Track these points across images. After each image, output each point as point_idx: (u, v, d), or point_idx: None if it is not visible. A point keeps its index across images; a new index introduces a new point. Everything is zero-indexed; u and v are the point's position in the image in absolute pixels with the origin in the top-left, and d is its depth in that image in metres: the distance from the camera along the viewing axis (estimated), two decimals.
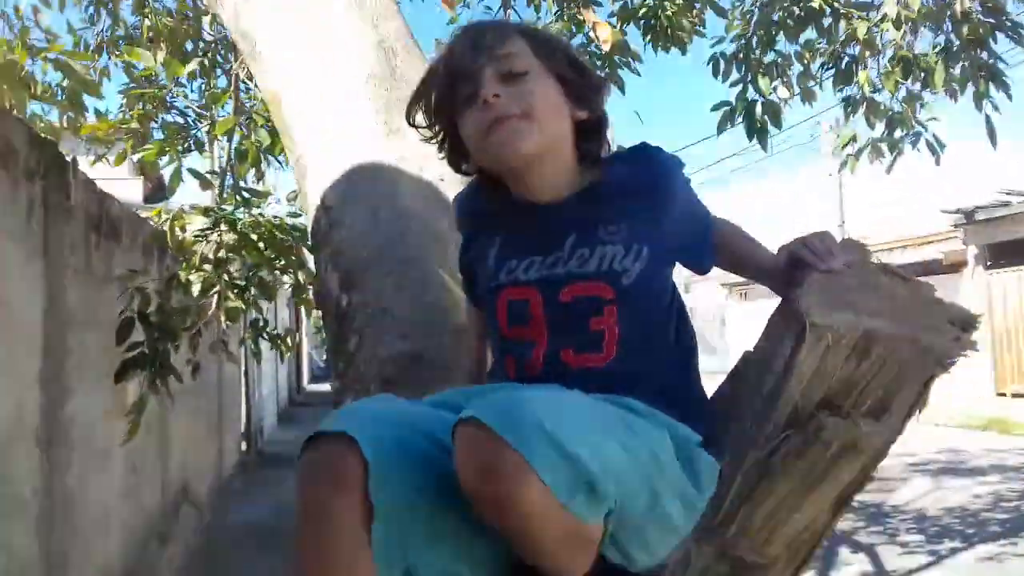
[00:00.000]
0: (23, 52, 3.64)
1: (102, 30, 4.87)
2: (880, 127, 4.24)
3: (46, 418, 3.13)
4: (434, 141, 1.35)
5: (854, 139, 4.30)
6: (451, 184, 1.75)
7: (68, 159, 3.53)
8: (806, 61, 4.45)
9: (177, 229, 3.57)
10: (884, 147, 4.19)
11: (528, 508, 0.89)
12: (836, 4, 4.28)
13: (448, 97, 1.27)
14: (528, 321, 1.23)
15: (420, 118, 1.34)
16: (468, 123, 1.25)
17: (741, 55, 4.44)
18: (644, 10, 4.54)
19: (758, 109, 4.29)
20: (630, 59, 4.44)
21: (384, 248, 1.67)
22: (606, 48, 2.99)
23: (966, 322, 1.16)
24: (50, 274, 3.27)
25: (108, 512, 3.93)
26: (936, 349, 1.12)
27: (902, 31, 3.98)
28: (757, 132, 4.31)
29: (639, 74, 4.58)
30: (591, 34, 3.30)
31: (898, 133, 4.18)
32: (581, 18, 3.41)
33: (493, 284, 1.28)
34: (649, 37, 4.59)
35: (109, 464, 3.97)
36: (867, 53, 4.19)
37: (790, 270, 1.25)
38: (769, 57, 4.44)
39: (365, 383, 1.57)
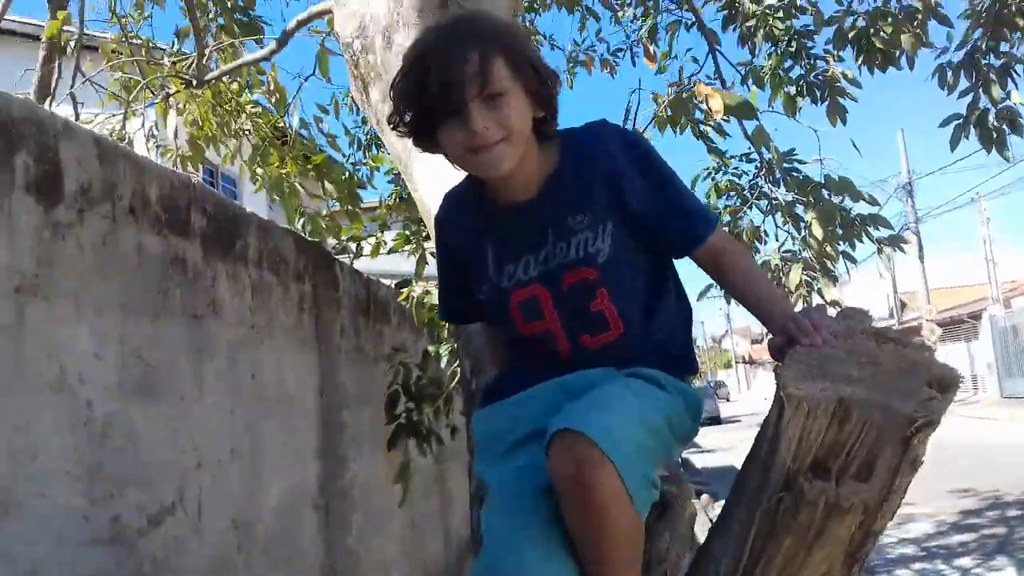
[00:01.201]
0: (293, 164, 4.44)
1: (369, 129, 5.66)
2: None
3: (324, 486, 3.75)
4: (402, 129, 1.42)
5: None
6: None
7: (338, 253, 4.22)
8: None
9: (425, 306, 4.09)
10: None
11: (609, 492, 1.19)
12: None
13: (431, 99, 1.32)
14: (542, 315, 1.44)
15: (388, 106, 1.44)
16: (451, 137, 1.34)
17: (970, 62, 4.24)
18: (854, 32, 4.49)
19: (991, 118, 4.07)
20: (845, 87, 4.43)
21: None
22: (717, 117, 3.08)
23: (945, 383, 1.22)
24: (323, 360, 3.92)
25: (387, 567, 4.51)
26: (906, 413, 1.19)
27: None
28: (994, 142, 4.07)
29: (856, 100, 4.52)
30: (703, 105, 3.39)
31: None
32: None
33: (501, 289, 1.44)
34: (862, 60, 4.53)
35: (389, 524, 4.57)
36: None
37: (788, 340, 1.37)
38: (999, 61, 4.19)
39: None
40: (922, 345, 1.30)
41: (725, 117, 3.16)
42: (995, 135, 3.87)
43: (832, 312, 1.44)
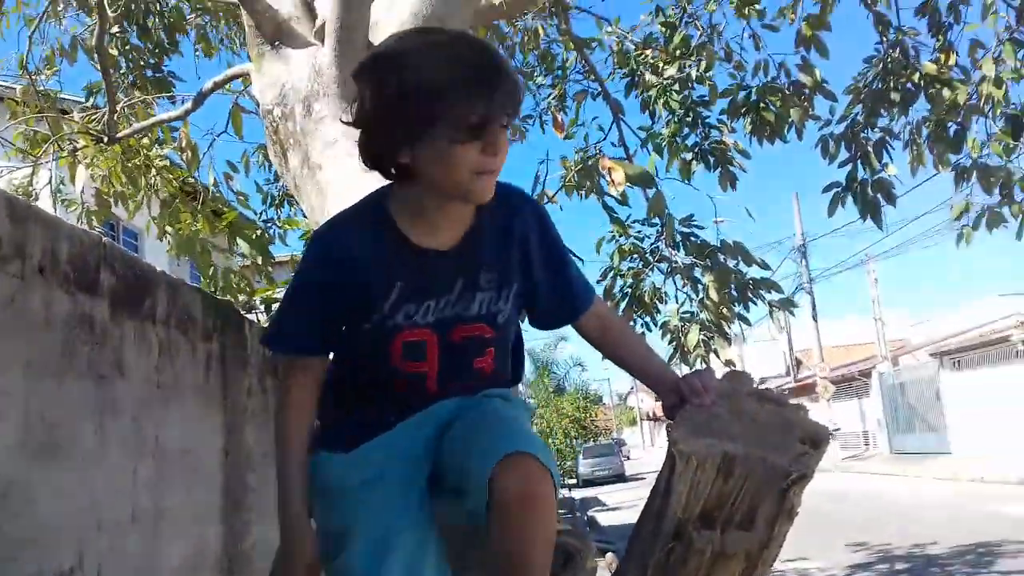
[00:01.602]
0: (205, 222, 4.43)
1: (282, 186, 5.67)
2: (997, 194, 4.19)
3: (227, 549, 3.68)
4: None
5: (967, 209, 4.26)
6: None
7: (248, 311, 4.20)
8: (913, 135, 4.51)
9: None
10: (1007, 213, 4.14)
11: (551, 502, 1.32)
12: (942, 72, 4.33)
13: (480, 111, 1.29)
14: (423, 357, 1.50)
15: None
16: (464, 155, 1.30)
17: (850, 134, 4.57)
18: (745, 107, 4.80)
19: (868, 188, 4.39)
20: (733, 157, 4.73)
21: None
22: (618, 190, 3.29)
23: (816, 440, 1.35)
24: (229, 420, 3.88)
25: None
26: (782, 467, 1.32)
27: (1003, 89, 3.97)
28: (870, 211, 4.37)
29: (744, 170, 4.82)
30: (606, 177, 3.61)
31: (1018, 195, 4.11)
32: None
33: (390, 325, 1.44)
34: (752, 130, 4.83)
35: None
36: (972, 117, 4.19)
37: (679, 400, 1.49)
38: (876, 135, 4.53)
39: None
40: (797, 406, 1.43)
41: (628, 185, 3.33)
42: (871, 204, 4.17)
43: (721, 373, 1.56)
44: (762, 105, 4.56)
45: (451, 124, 1.29)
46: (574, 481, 26.75)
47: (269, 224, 4.87)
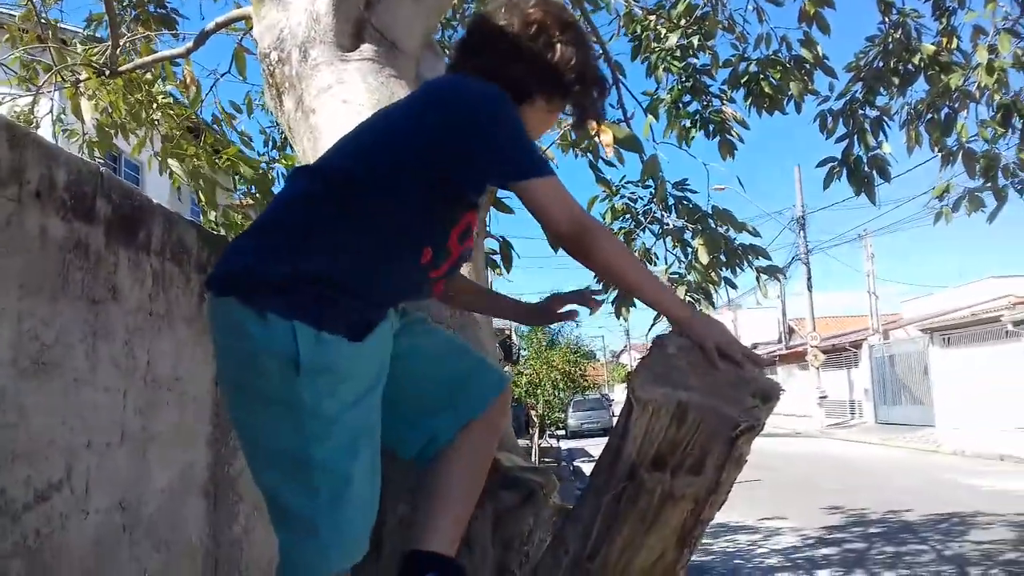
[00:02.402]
0: (207, 158, 4.48)
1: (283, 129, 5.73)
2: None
3: (214, 474, 3.79)
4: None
5: (948, 190, 4.33)
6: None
7: None
8: (911, 115, 4.55)
9: None
10: (983, 197, 4.21)
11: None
12: (940, 56, 4.37)
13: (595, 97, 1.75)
14: (468, 240, 1.67)
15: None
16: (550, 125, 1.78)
17: (848, 111, 4.61)
18: (746, 78, 4.83)
19: (863, 164, 4.44)
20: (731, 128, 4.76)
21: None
22: (609, 152, 3.34)
23: (766, 394, 1.43)
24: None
25: (270, 559, 4.56)
26: (730, 416, 1.40)
27: (995, 77, 4.01)
28: (864, 186, 4.43)
29: (743, 140, 4.86)
30: (596, 138, 3.65)
31: (1001, 181, 4.17)
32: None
33: (474, 199, 1.62)
34: (751, 102, 4.87)
35: None
36: (966, 103, 4.24)
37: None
38: (873, 113, 4.58)
39: None
40: (753, 363, 1.50)
41: (612, 151, 3.38)
42: (865, 180, 4.24)
43: None
44: (762, 77, 4.59)
45: (576, 103, 1.71)
46: (563, 432, 27.13)
47: (272, 164, 4.91)
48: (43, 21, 4.42)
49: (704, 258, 4.25)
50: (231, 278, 1.49)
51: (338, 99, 2.14)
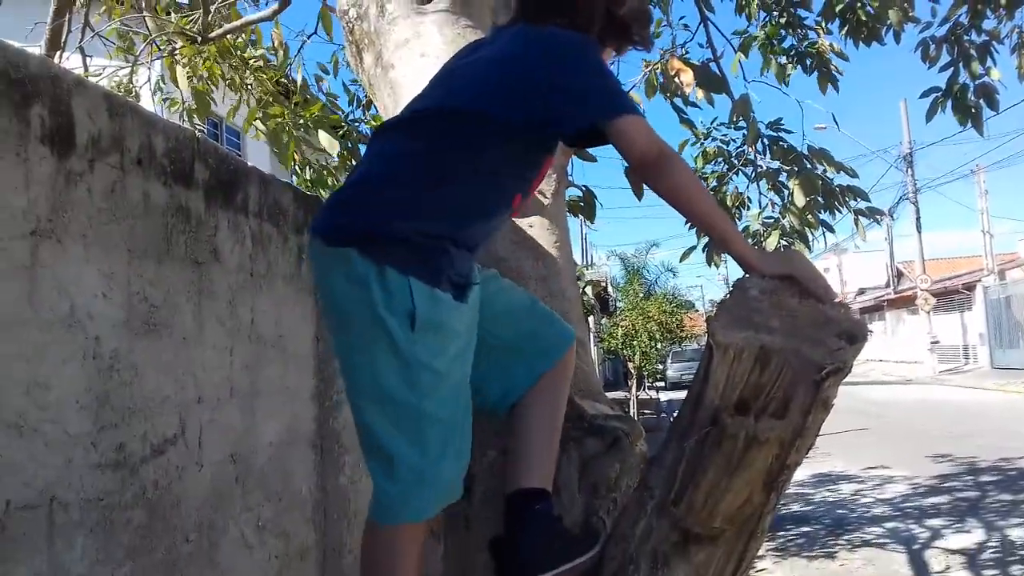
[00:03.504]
0: (289, 116, 4.57)
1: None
2: None
3: (319, 428, 3.94)
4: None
5: None
6: (539, 230, 2.18)
7: None
8: (1021, 38, 4.27)
9: None
10: None
11: None
12: None
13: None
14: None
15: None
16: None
17: (952, 37, 4.37)
18: (841, 7, 4.62)
19: (969, 94, 4.21)
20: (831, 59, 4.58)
21: None
22: (689, 91, 3.24)
23: (852, 336, 1.39)
24: (319, 308, 4.10)
25: None
26: (816, 359, 1.37)
27: None
28: (971, 117, 4.21)
29: (841, 73, 4.67)
30: (676, 79, 3.54)
31: None
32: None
33: (553, 144, 1.72)
34: (847, 32, 4.66)
35: None
36: None
37: None
38: (980, 39, 4.32)
39: None
40: (838, 303, 1.47)
41: (695, 91, 3.30)
42: (972, 110, 4.01)
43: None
44: (859, 5, 4.38)
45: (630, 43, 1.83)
46: (662, 384, 26.99)
47: (357, 123, 4.99)
48: None
49: (800, 200, 4.13)
50: (347, 230, 1.54)
51: (416, 53, 2.15)
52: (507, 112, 1.57)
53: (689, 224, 3.00)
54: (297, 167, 4.70)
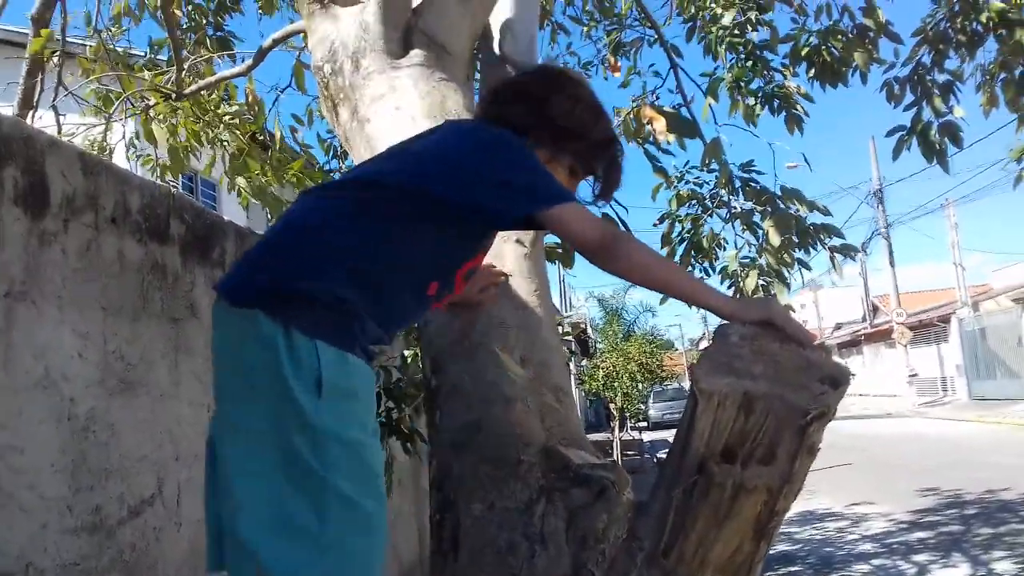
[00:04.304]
0: (273, 176, 4.59)
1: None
2: None
3: None
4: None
5: None
6: (519, 279, 2.18)
7: None
8: (986, 76, 4.37)
9: None
10: None
11: None
12: (1010, 14, 4.19)
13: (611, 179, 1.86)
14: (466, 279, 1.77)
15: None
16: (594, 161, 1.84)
17: (916, 77, 4.46)
18: (807, 50, 4.72)
19: (934, 131, 4.30)
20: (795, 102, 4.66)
21: (459, 337, 2.12)
22: (662, 138, 3.29)
23: (835, 379, 1.39)
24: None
25: None
26: (800, 404, 1.37)
27: None
28: (936, 154, 4.29)
29: (808, 115, 4.75)
30: (648, 127, 3.60)
31: None
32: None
33: (485, 243, 1.76)
34: (814, 75, 4.75)
35: None
36: None
37: None
38: (943, 77, 4.43)
39: (443, 447, 2.01)
40: (819, 346, 1.47)
41: (667, 137, 3.34)
42: (937, 147, 4.09)
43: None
44: (824, 48, 4.48)
45: (583, 164, 1.80)
46: (645, 424, 26.94)
47: (332, 172, 5.01)
48: (111, 51, 4.58)
49: (775, 240, 4.17)
50: (256, 290, 1.48)
51: (391, 106, 2.17)
52: (446, 192, 1.56)
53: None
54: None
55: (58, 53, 3.99)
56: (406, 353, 4.21)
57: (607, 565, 1.64)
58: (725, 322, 1.53)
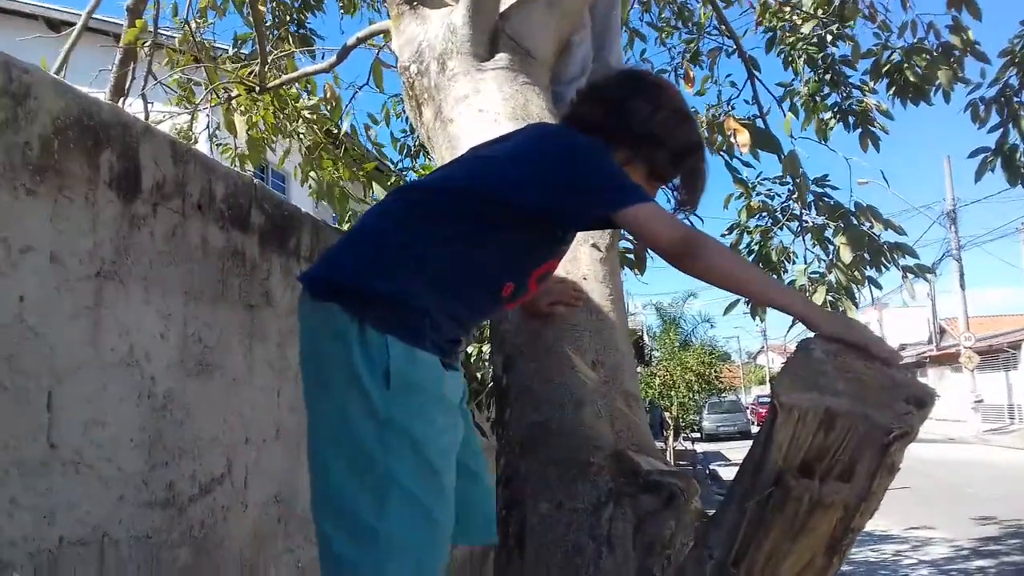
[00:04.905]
0: (346, 169, 4.67)
1: (417, 137, 5.90)
2: None
3: None
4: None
5: None
6: (593, 283, 2.19)
7: None
8: None
9: None
10: None
11: None
12: None
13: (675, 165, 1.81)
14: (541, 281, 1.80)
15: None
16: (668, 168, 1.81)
17: (1003, 98, 4.36)
18: (888, 67, 4.63)
19: (1019, 154, 4.19)
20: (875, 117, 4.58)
21: (533, 338, 2.13)
22: (745, 151, 3.25)
23: (920, 400, 1.37)
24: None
25: None
26: (883, 423, 1.35)
27: None
28: (1021, 177, 4.18)
29: (887, 132, 4.66)
30: (731, 139, 3.56)
31: None
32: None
33: (561, 247, 1.77)
34: (895, 92, 4.66)
35: None
36: None
37: None
38: None
39: (512, 446, 2.03)
40: (905, 366, 1.45)
41: (751, 150, 3.31)
42: (1021, 170, 3.99)
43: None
44: (906, 66, 4.39)
45: (661, 170, 1.77)
46: (697, 435, 26.66)
47: (405, 172, 5.08)
48: (197, 42, 4.71)
49: (847, 257, 4.10)
50: (334, 285, 1.54)
51: (475, 108, 2.20)
52: (523, 196, 1.58)
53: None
54: (341, 216, 4.80)
55: (149, 43, 4.13)
56: (469, 350, 4.26)
57: (674, 572, 1.64)
58: (807, 337, 1.52)
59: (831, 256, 4.37)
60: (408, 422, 1.47)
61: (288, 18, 4.69)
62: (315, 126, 4.69)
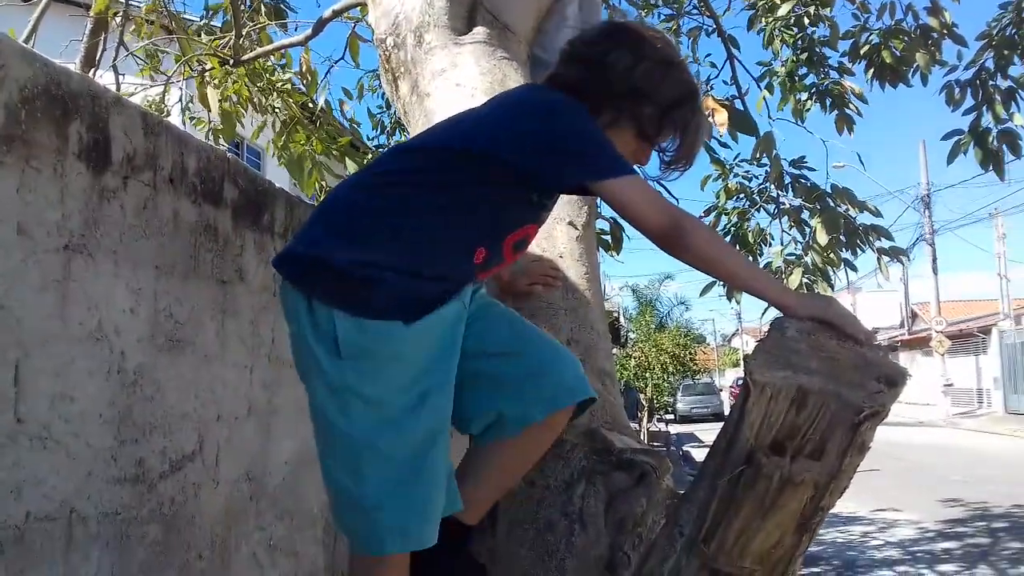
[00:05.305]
0: (319, 143, 4.63)
1: (393, 113, 5.86)
2: None
3: None
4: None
5: None
6: (569, 261, 2.18)
7: None
8: None
9: None
10: None
11: None
12: None
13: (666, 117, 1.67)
14: (524, 249, 1.71)
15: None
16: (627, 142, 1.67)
17: (978, 81, 4.38)
18: (866, 48, 4.64)
19: (991, 137, 4.22)
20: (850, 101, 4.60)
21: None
22: (722, 130, 3.26)
23: (892, 380, 1.38)
24: None
25: None
26: (855, 402, 1.35)
27: None
28: (993, 161, 4.21)
29: (860, 115, 4.68)
30: (710, 118, 3.57)
31: None
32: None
33: (537, 214, 1.66)
34: (872, 74, 4.67)
35: None
36: None
37: None
38: (1006, 83, 4.34)
39: None
40: (878, 346, 1.46)
41: (728, 131, 3.32)
42: (993, 154, 4.02)
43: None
44: (884, 47, 4.40)
45: (651, 128, 1.64)
46: (671, 417, 26.82)
47: (380, 148, 5.04)
48: (169, 12, 4.63)
49: (823, 239, 4.13)
50: (289, 262, 1.55)
51: (451, 82, 2.17)
52: (491, 149, 1.53)
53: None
54: (318, 192, 4.75)
55: (120, 13, 4.05)
56: None
57: (645, 549, 1.65)
58: (780, 316, 1.52)
59: (807, 238, 4.39)
60: (360, 386, 1.46)
61: None
62: (291, 99, 4.63)
